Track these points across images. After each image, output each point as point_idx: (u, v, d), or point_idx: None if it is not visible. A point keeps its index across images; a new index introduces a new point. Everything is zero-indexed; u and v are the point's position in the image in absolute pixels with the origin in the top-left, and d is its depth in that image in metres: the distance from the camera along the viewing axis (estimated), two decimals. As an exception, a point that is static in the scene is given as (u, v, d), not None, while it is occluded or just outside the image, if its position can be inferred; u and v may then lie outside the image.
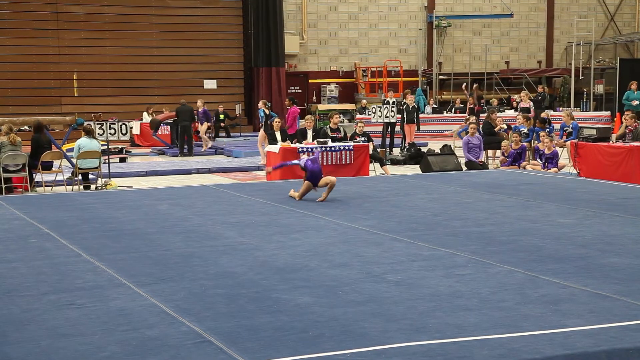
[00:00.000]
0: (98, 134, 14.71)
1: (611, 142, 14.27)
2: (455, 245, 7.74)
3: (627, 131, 14.70)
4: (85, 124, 15.30)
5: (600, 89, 29.92)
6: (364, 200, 10.82)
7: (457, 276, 6.52)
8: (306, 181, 10.75)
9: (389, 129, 19.72)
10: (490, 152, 18.01)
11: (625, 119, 15.03)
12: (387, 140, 19.58)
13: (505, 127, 18.64)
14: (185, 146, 21.09)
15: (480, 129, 17.73)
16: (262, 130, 18.23)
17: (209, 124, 22.66)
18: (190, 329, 5.19)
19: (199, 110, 22.26)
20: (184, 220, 9.45)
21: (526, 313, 5.46)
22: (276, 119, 16.88)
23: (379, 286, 6.22)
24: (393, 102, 19.83)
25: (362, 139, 15.93)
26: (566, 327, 5.13)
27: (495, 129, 18.00)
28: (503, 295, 5.92)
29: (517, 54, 32.41)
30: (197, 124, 22.40)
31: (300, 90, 29.95)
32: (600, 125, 17.77)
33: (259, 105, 20.02)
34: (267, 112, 19.16)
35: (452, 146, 18.85)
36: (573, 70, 28.75)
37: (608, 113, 25.99)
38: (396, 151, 19.69)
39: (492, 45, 31.77)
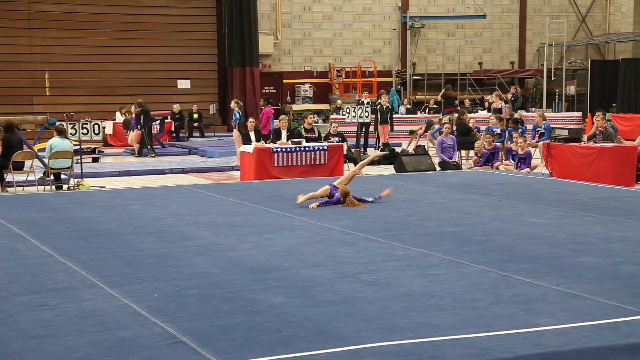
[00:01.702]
0: (70, 133, 14.59)
1: (582, 142, 14.41)
2: (428, 245, 7.78)
3: (598, 132, 14.85)
4: (58, 123, 15.17)
5: (572, 89, 30.18)
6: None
7: (431, 276, 6.55)
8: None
9: (363, 129, 19.76)
10: (463, 152, 18.13)
11: (596, 119, 15.19)
12: (362, 141, 19.62)
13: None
14: (148, 146, 20.70)
15: (454, 129, 17.83)
16: (235, 130, 18.17)
17: (140, 131, 20.76)
18: (163, 330, 5.17)
19: (132, 115, 21.10)
20: (157, 221, 9.40)
21: (499, 312, 5.49)
22: (250, 119, 16.84)
23: (353, 286, 6.23)
24: (367, 103, 19.88)
25: (337, 139, 15.95)
26: (538, 326, 5.17)
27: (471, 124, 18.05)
28: (476, 294, 5.96)
29: (490, 54, 32.60)
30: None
31: (274, 91, 29.90)
32: (571, 126, 17.94)
33: (231, 105, 19.52)
34: (241, 112, 18.97)
35: (426, 146, 18.93)
36: (545, 71, 28.97)
37: (580, 114, 26.23)
38: (370, 151, 19.73)
39: (466, 46, 31.93)
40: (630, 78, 27.95)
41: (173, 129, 24.28)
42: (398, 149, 19.07)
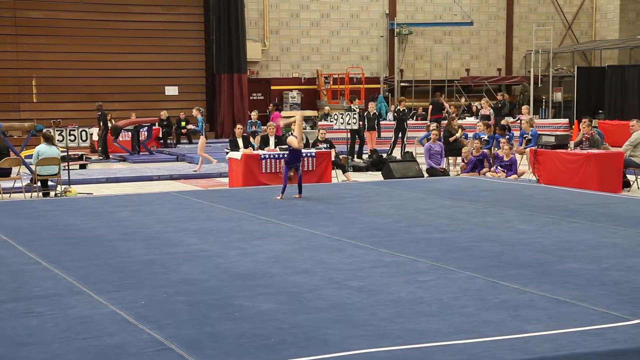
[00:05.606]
0: (58, 140, 14.53)
1: (569, 149, 14.46)
2: (416, 251, 7.79)
3: (584, 138, 14.91)
4: (45, 130, 15.12)
5: (558, 96, 30.31)
6: (326, 206, 10.84)
7: (419, 282, 6.55)
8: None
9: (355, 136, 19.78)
10: (451, 158, 18.16)
11: (582, 126, 15.25)
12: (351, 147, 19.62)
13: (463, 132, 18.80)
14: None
15: (442, 135, 17.85)
16: (202, 137, 18.24)
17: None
18: (151, 337, 5.15)
19: None
20: (145, 227, 9.38)
21: (487, 318, 5.50)
22: (238, 126, 16.86)
23: (341, 292, 6.23)
24: (356, 109, 19.90)
25: (325, 145, 15.96)
26: (526, 332, 5.18)
27: (451, 139, 18.06)
28: (464, 301, 5.97)
29: (477, 61, 32.72)
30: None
31: (262, 97, 29.89)
32: (558, 133, 18.01)
33: (193, 113, 19.67)
34: (204, 119, 19.26)
35: (414, 153, 18.96)
36: (532, 78, 29.10)
37: (566, 120, 26.34)
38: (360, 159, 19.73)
39: (453, 52, 32.03)
40: (616, 85, 28.09)
41: (161, 135, 24.24)
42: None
